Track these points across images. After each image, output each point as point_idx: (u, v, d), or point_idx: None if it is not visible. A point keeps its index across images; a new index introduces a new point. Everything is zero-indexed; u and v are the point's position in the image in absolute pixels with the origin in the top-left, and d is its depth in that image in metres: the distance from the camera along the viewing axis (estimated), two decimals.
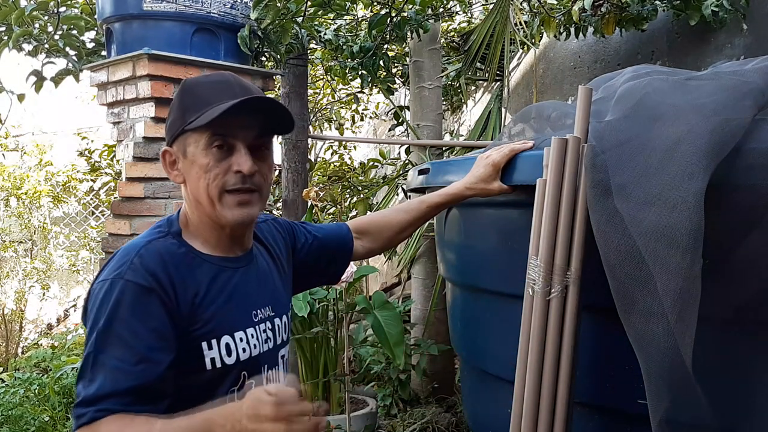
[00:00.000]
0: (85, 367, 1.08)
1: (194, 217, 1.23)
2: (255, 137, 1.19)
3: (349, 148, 5.98)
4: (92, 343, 1.09)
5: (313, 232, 1.53)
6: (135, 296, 1.10)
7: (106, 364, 1.07)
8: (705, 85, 1.42)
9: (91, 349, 1.08)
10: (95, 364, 1.07)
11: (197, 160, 1.17)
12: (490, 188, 1.60)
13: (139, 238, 1.20)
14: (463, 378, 2.21)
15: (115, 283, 1.11)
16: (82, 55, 2.87)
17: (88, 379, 1.07)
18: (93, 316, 1.11)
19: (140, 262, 1.13)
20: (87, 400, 1.05)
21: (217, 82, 1.21)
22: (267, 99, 1.19)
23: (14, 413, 3.46)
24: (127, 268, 1.12)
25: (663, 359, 1.18)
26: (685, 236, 1.18)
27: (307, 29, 3.09)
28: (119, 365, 1.07)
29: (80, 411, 1.05)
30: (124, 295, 1.10)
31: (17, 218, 6.16)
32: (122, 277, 1.11)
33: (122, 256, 1.15)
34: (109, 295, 1.10)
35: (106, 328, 1.08)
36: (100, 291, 1.12)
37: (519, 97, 4.53)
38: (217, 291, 1.20)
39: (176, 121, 1.21)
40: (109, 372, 1.06)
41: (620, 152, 1.32)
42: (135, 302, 1.10)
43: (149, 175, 2.51)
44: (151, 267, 1.13)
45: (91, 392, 1.05)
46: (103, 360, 1.07)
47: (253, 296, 1.28)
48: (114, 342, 1.08)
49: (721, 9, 2.95)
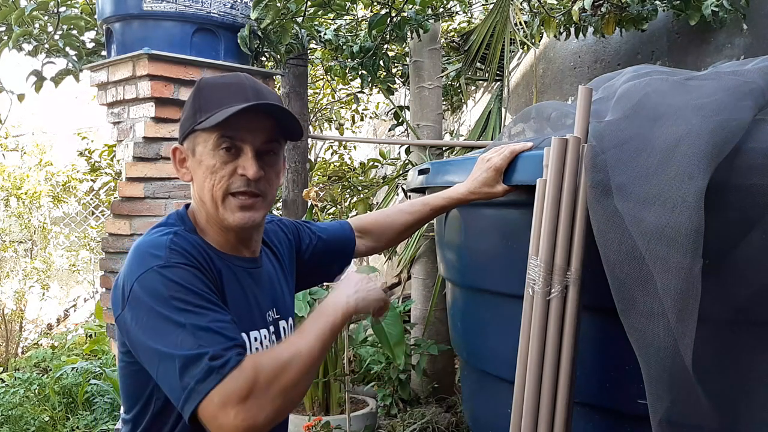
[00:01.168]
0: (184, 339, 1.00)
1: (201, 217, 1.23)
2: (263, 142, 1.19)
3: (349, 148, 5.98)
4: (179, 321, 1.02)
5: (317, 232, 1.53)
6: (192, 274, 1.08)
7: (212, 326, 1.02)
8: (705, 85, 1.42)
9: (182, 325, 1.01)
10: (197, 329, 1.01)
11: (204, 161, 1.18)
12: (494, 192, 1.61)
13: (155, 234, 1.17)
14: (463, 378, 2.21)
15: (165, 268, 1.07)
16: (82, 55, 2.87)
17: (197, 345, 0.99)
18: (155, 303, 1.04)
19: (178, 248, 1.11)
20: (219, 352, 0.99)
21: (232, 84, 1.20)
22: (278, 107, 1.18)
23: (14, 413, 3.47)
24: (169, 253, 1.09)
25: (663, 359, 1.18)
26: (685, 236, 1.18)
27: (307, 29, 3.09)
28: (223, 324, 1.03)
29: (220, 361, 0.98)
30: (183, 274, 1.07)
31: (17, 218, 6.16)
32: (169, 261, 1.08)
33: (152, 248, 1.11)
34: (168, 277, 1.06)
35: (183, 304, 1.03)
36: (151, 280, 1.06)
37: (519, 97, 4.53)
38: (235, 288, 1.21)
39: (187, 120, 1.21)
40: (220, 329, 1.02)
41: (620, 152, 1.32)
42: (194, 278, 1.08)
43: (149, 175, 2.51)
44: (191, 251, 1.12)
45: (218, 346, 0.99)
46: (205, 324, 1.02)
47: (263, 299, 1.28)
48: (200, 311, 1.03)
49: (721, 9, 2.95)
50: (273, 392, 0.99)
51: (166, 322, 1.02)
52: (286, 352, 1.04)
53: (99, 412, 3.57)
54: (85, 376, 3.89)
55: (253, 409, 0.97)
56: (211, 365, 0.98)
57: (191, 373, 0.98)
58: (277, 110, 1.18)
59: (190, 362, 0.99)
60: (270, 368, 1.01)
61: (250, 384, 0.98)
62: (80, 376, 3.90)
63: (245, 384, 0.97)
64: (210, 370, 0.97)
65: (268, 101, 1.17)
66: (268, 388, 0.99)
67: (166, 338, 1.02)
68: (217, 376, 0.97)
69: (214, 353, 0.99)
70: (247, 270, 1.26)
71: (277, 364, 1.01)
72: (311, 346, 1.07)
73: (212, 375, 0.97)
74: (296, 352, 1.04)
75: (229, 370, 0.98)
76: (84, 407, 3.71)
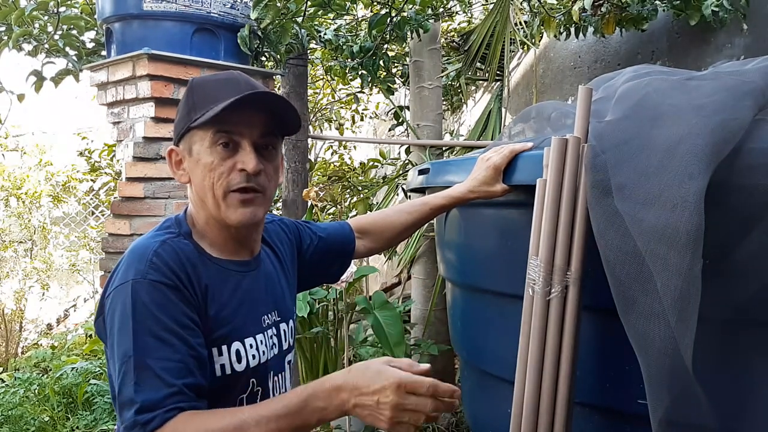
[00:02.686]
0: (126, 373, 1.01)
1: (200, 218, 1.21)
2: (260, 135, 1.17)
3: (349, 148, 5.98)
4: (128, 348, 1.02)
5: (317, 232, 1.53)
6: (163, 295, 1.06)
7: (154, 366, 1.01)
8: (705, 85, 1.42)
9: (130, 353, 1.02)
10: (140, 367, 1.01)
11: (202, 159, 1.16)
12: (493, 191, 1.60)
13: (148, 238, 1.16)
14: (463, 378, 2.21)
15: (139, 284, 1.06)
16: (82, 55, 2.87)
17: (134, 384, 1.00)
18: (119, 320, 1.05)
19: (160, 261, 1.09)
20: (148, 405, 0.98)
21: (224, 80, 1.19)
22: (271, 94, 1.17)
23: (14, 413, 3.47)
24: (148, 267, 1.08)
25: (663, 359, 1.18)
26: (685, 236, 1.17)
27: (307, 29, 3.09)
28: (169, 364, 1.02)
29: (145, 417, 0.97)
30: (152, 295, 1.06)
31: (17, 218, 6.16)
32: (145, 277, 1.07)
33: (137, 257, 1.11)
34: (136, 296, 1.05)
35: (141, 330, 1.03)
36: (123, 294, 1.07)
37: (519, 97, 4.53)
38: (229, 296, 1.19)
39: (182, 120, 1.20)
40: (161, 372, 1.01)
41: (620, 152, 1.31)
42: (165, 300, 1.06)
43: (149, 175, 2.51)
44: (172, 266, 1.10)
45: (150, 396, 0.99)
46: (148, 363, 1.01)
47: (261, 301, 1.26)
48: (153, 344, 1.03)
49: (721, 9, 2.95)
50: None
51: (121, 341, 1.04)
52: (221, 427, 0.97)
53: (99, 412, 3.57)
54: (85, 376, 3.89)
55: None
56: (136, 419, 0.98)
57: (123, 416, 1.01)
58: (273, 100, 1.17)
59: (124, 402, 1.01)
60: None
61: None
62: (80, 376, 3.90)
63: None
64: (134, 424, 0.98)
65: (259, 91, 1.16)
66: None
67: (117, 355, 1.04)
68: (143, 429, 0.98)
69: (144, 404, 0.99)
70: (244, 273, 1.24)
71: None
72: None
73: (136, 429, 0.98)
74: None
75: (152, 429, 0.98)
76: (84, 407, 3.70)
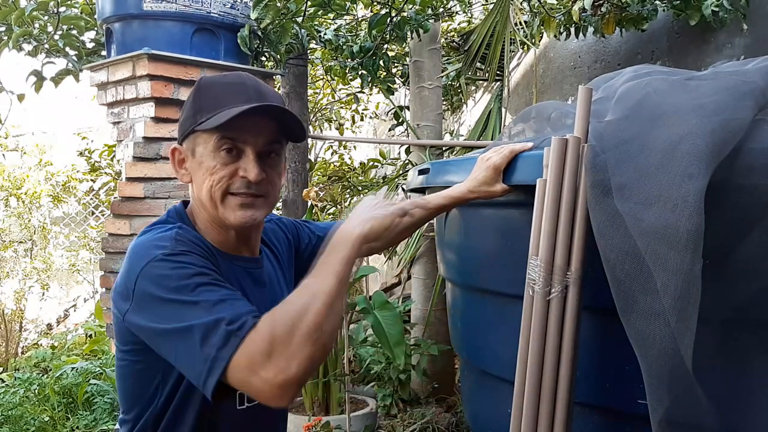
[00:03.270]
0: (201, 317, 0.99)
1: (201, 218, 1.22)
2: (265, 144, 1.17)
3: (349, 148, 5.98)
4: (191, 299, 1.01)
5: (316, 231, 1.53)
6: (200, 257, 1.08)
7: (224, 299, 1.01)
8: (705, 85, 1.42)
9: (195, 304, 1.00)
10: (211, 306, 0.99)
11: (205, 162, 1.16)
12: (493, 191, 1.60)
13: (155, 231, 1.15)
14: (463, 378, 2.21)
15: (172, 255, 1.05)
16: (82, 55, 2.87)
17: (216, 317, 0.98)
18: (164, 290, 1.02)
19: (183, 240, 1.10)
20: (233, 317, 0.97)
21: (233, 83, 1.18)
22: (280, 108, 1.17)
23: (14, 413, 3.47)
24: (175, 243, 1.08)
25: (663, 359, 1.18)
26: (685, 236, 1.17)
27: (307, 29, 3.09)
28: (235, 294, 1.03)
29: (237, 324, 0.96)
30: (190, 258, 1.06)
31: (17, 218, 6.16)
32: (175, 249, 1.07)
33: (155, 242, 1.09)
34: (176, 261, 1.05)
35: (195, 285, 1.02)
36: (158, 269, 1.04)
37: (519, 97, 4.53)
38: (236, 288, 1.19)
39: (187, 120, 1.19)
40: (232, 301, 1.01)
41: (620, 152, 1.31)
42: (203, 261, 1.07)
43: (149, 175, 2.51)
44: (195, 244, 1.11)
45: (229, 313, 0.98)
46: (216, 299, 1.00)
47: (262, 300, 1.25)
48: (212, 288, 1.02)
49: (721, 9, 2.95)
50: (297, 340, 0.95)
51: (179, 305, 1.01)
52: (301, 298, 1.00)
53: (99, 412, 3.57)
54: (85, 376, 3.89)
55: (281, 362, 0.94)
56: (228, 329, 0.96)
57: (211, 342, 0.96)
58: (280, 112, 1.17)
59: (208, 331, 0.97)
60: (286, 318, 0.97)
61: (269, 339, 0.95)
62: (80, 376, 3.90)
63: (264, 340, 0.95)
64: (228, 335, 0.95)
65: (270, 102, 1.16)
66: (290, 338, 0.95)
67: (181, 318, 1.00)
68: (236, 339, 0.95)
69: (230, 318, 0.97)
70: (248, 270, 1.25)
71: (292, 312, 0.97)
72: (327, 284, 1.01)
73: (231, 339, 0.95)
74: (311, 295, 0.99)
75: (247, 331, 0.96)
76: (84, 407, 3.71)
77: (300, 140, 1.24)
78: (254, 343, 0.95)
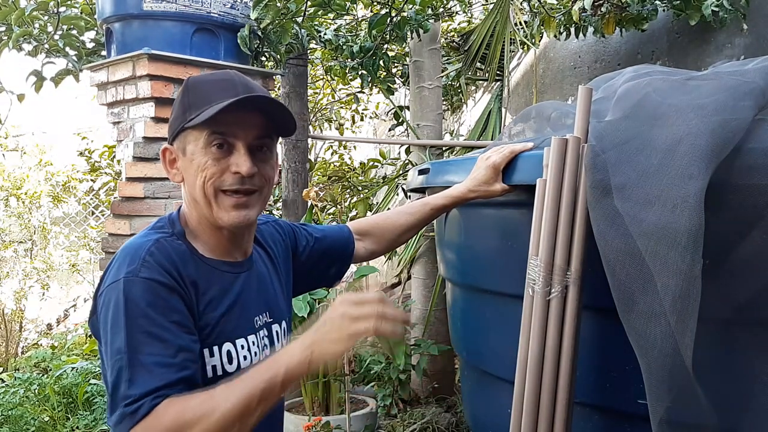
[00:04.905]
0: (120, 370, 1.02)
1: (193, 218, 1.21)
2: (255, 137, 1.16)
3: (349, 148, 5.98)
4: (121, 346, 1.03)
5: (314, 234, 1.52)
6: (155, 293, 1.06)
7: (146, 363, 1.02)
8: (705, 85, 1.42)
9: (123, 351, 1.02)
10: (132, 365, 1.02)
11: (196, 159, 1.15)
12: (493, 190, 1.60)
13: (141, 237, 1.16)
14: (463, 378, 2.21)
15: (131, 282, 1.06)
16: (82, 55, 2.87)
17: (127, 381, 1.01)
18: (111, 318, 1.06)
19: (153, 259, 1.09)
20: (138, 396, 1.00)
21: (220, 80, 1.18)
22: (268, 98, 1.16)
23: (14, 413, 3.47)
24: (140, 265, 1.08)
25: (663, 359, 1.18)
26: (685, 236, 1.17)
27: (307, 29, 3.09)
28: (160, 360, 1.02)
29: (134, 407, 0.99)
30: (144, 293, 1.05)
31: (17, 218, 6.16)
32: (137, 275, 1.07)
33: (130, 255, 1.10)
34: (129, 294, 1.05)
35: (133, 327, 1.04)
36: (116, 291, 1.06)
37: (519, 97, 4.53)
38: (221, 296, 1.18)
39: (177, 119, 1.18)
40: (153, 367, 1.02)
41: (620, 152, 1.31)
42: (156, 298, 1.06)
43: (149, 175, 2.51)
44: (165, 264, 1.10)
45: (140, 389, 1.00)
46: (140, 359, 1.02)
47: (253, 303, 1.25)
48: (145, 340, 1.03)
49: (721, 9, 2.95)
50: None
51: (114, 339, 1.05)
52: (193, 411, 0.99)
53: (99, 412, 3.57)
54: (85, 376, 3.89)
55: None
56: (123, 411, 1.00)
57: (111, 409, 1.03)
58: (268, 103, 1.16)
59: (112, 395, 1.03)
60: (185, 418, 0.98)
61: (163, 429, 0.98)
62: (80, 376, 3.90)
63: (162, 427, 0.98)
64: (122, 415, 1.00)
65: (256, 94, 1.15)
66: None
67: (110, 352, 1.05)
68: (129, 421, 0.99)
69: (135, 394, 1.00)
70: (236, 274, 1.23)
71: (189, 414, 0.98)
72: (229, 407, 0.98)
73: (125, 420, 1.00)
74: (205, 413, 0.98)
75: (141, 417, 0.99)
76: (84, 407, 3.71)
77: (291, 133, 1.23)
78: (150, 427, 0.99)
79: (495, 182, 1.60)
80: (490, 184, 1.60)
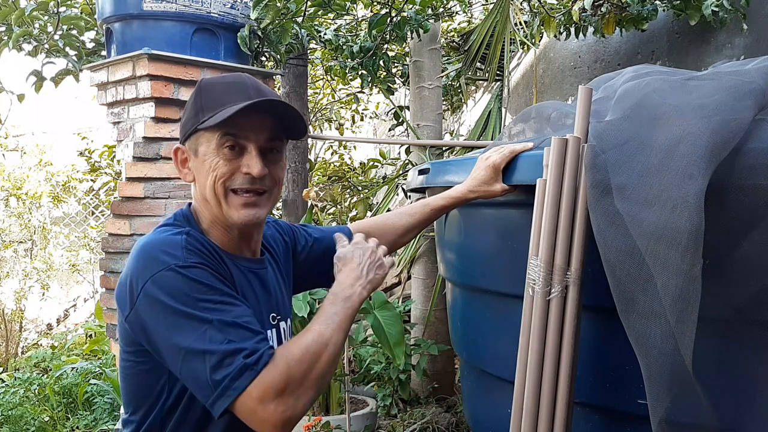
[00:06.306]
0: (211, 338, 1.02)
1: (205, 218, 1.23)
2: (267, 140, 1.19)
3: (349, 148, 5.98)
4: (204, 317, 1.03)
5: (314, 235, 1.53)
6: (209, 273, 1.09)
7: (236, 322, 1.04)
8: (705, 85, 1.42)
9: (208, 321, 1.03)
10: (224, 329, 1.03)
11: (208, 160, 1.17)
12: (493, 190, 1.61)
13: (161, 233, 1.16)
14: (463, 378, 2.21)
15: (182, 268, 1.07)
16: (82, 55, 2.87)
17: (227, 341, 1.02)
18: (173, 303, 1.04)
19: (194, 248, 1.12)
20: (252, 348, 1.02)
21: (233, 83, 1.20)
22: (280, 102, 1.19)
23: (14, 413, 3.47)
24: (185, 253, 1.10)
25: (663, 359, 1.18)
26: (685, 236, 1.18)
27: (307, 29, 3.09)
28: (248, 319, 1.06)
29: (253, 358, 1.01)
30: (201, 273, 1.08)
31: (17, 218, 6.16)
32: (186, 261, 1.08)
33: (165, 247, 1.11)
34: (188, 276, 1.06)
35: (206, 301, 1.05)
36: (168, 279, 1.06)
37: (519, 97, 4.53)
38: (246, 289, 1.21)
39: (189, 120, 1.21)
40: (244, 324, 1.05)
41: (620, 152, 1.31)
42: (212, 277, 1.09)
43: (149, 175, 2.51)
44: (205, 252, 1.13)
45: (248, 342, 1.02)
46: (228, 321, 1.04)
47: (267, 300, 1.29)
48: (223, 307, 1.06)
49: (721, 9, 2.95)
50: (308, 383, 1.04)
51: (191, 319, 1.04)
52: (315, 344, 1.07)
53: (99, 412, 3.57)
54: (85, 376, 3.89)
55: (290, 400, 1.02)
56: (245, 362, 1.01)
57: (224, 370, 1.01)
58: (280, 107, 1.18)
59: (222, 358, 1.01)
60: (302, 361, 1.04)
61: (285, 378, 1.02)
62: (80, 376, 3.91)
63: (281, 378, 1.02)
64: (244, 367, 1.01)
65: (269, 98, 1.17)
66: (302, 380, 1.03)
67: (191, 335, 1.03)
68: (252, 372, 1.01)
69: (247, 349, 1.02)
70: (254, 271, 1.26)
71: (307, 357, 1.05)
72: (337, 337, 1.10)
73: (247, 372, 1.01)
74: (324, 344, 1.07)
75: (263, 366, 1.02)
76: (84, 407, 3.71)
77: (301, 136, 1.25)
78: (270, 377, 1.01)
79: (495, 182, 1.60)
80: (490, 185, 1.60)
